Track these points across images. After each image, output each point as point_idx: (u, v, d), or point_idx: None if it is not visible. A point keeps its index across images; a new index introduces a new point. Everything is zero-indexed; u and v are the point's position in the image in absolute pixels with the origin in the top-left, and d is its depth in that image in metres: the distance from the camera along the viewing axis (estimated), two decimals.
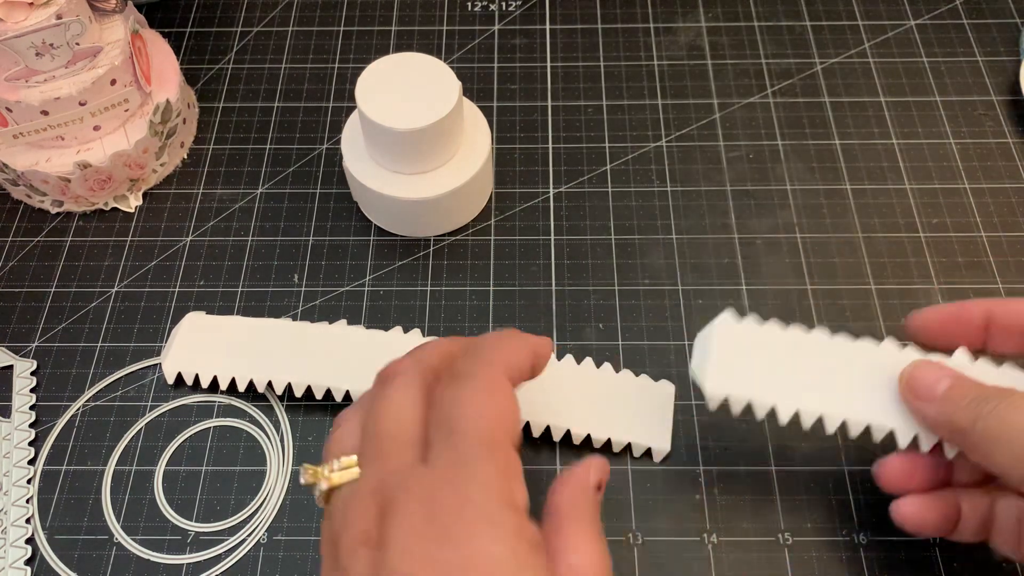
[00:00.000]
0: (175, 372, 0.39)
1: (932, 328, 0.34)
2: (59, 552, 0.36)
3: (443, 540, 0.24)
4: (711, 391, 0.32)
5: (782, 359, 0.33)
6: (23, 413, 0.39)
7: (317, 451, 0.38)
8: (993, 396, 0.30)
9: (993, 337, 0.33)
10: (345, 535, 0.26)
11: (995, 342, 0.34)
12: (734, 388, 0.32)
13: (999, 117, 0.48)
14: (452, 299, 0.42)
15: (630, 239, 0.44)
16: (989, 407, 0.30)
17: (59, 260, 0.44)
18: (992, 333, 0.33)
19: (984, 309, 0.33)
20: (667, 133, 0.48)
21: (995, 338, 0.33)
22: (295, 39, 0.53)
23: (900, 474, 0.33)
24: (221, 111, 0.50)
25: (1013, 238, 0.44)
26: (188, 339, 0.40)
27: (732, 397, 0.32)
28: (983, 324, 0.33)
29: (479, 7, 0.54)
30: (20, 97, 0.41)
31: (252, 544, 0.36)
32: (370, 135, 0.40)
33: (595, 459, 0.30)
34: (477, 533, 0.24)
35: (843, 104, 0.49)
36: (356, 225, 0.45)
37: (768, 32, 0.52)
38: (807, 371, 0.33)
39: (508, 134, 0.48)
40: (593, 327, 0.41)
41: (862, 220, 0.45)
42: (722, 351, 0.33)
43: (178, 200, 0.46)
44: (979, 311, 0.33)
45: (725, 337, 0.33)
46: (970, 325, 0.34)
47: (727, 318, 0.34)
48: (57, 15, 0.39)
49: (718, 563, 0.35)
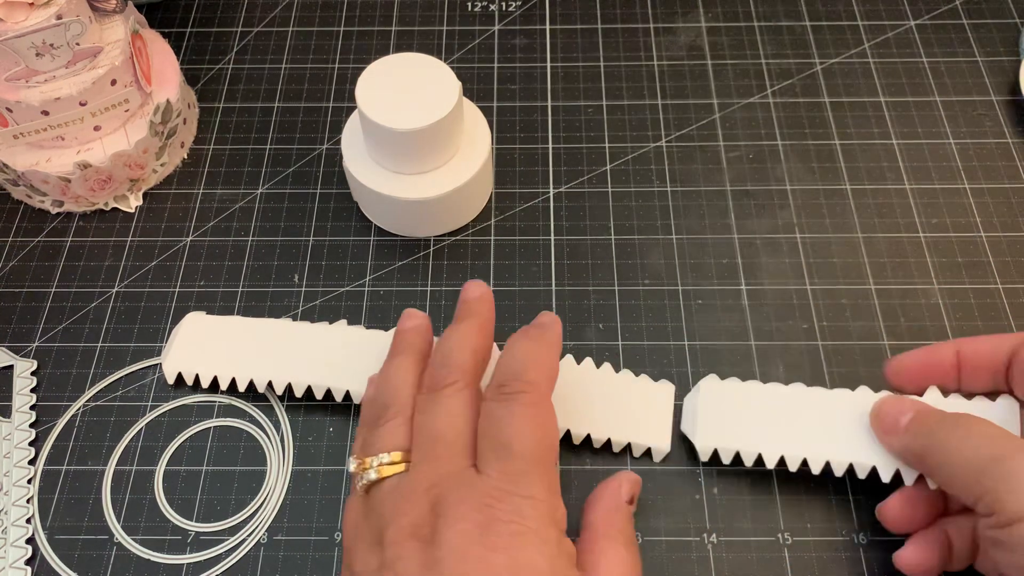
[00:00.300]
0: (175, 372, 0.39)
1: (907, 373, 0.36)
2: (59, 552, 0.36)
3: (494, 546, 0.26)
4: (701, 446, 0.36)
5: (764, 411, 0.36)
6: (23, 413, 0.39)
7: (317, 451, 0.38)
8: (947, 421, 0.31)
9: (964, 377, 0.35)
10: (394, 525, 0.28)
11: (967, 381, 0.35)
12: (721, 441, 0.36)
13: (999, 117, 0.48)
14: (452, 299, 0.42)
15: (630, 239, 0.44)
16: (942, 432, 0.31)
17: (59, 260, 0.44)
18: (963, 373, 0.35)
19: (953, 350, 0.35)
20: (667, 133, 0.48)
21: (966, 377, 0.35)
22: (295, 39, 0.53)
23: (900, 512, 0.34)
24: (221, 111, 0.50)
25: (1013, 238, 0.44)
26: (188, 339, 0.40)
27: (721, 449, 0.36)
28: (954, 364, 0.35)
29: (479, 7, 0.54)
30: (20, 97, 0.41)
31: (252, 544, 0.36)
32: (370, 135, 0.40)
33: (626, 474, 0.33)
34: (525, 544, 0.27)
35: (843, 104, 0.49)
36: (356, 225, 0.45)
37: (768, 32, 0.52)
38: (789, 420, 0.36)
39: (508, 134, 0.48)
40: (593, 327, 0.41)
41: (862, 220, 0.45)
42: (708, 409, 0.37)
43: (178, 200, 0.46)
44: (949, 352, 0.35)
45: (710, 397, 0.37)
46: (942, 367, 0.35)
47: (711, 380, 0.38)
48: (57, 15, 0.39)
49: (718, 563, 0.35)
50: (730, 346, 0.41)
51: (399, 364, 0.34)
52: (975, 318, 0.41)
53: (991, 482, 0.28)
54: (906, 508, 0.33)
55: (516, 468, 0.29)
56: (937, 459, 0.31)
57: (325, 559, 0.36)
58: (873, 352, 0.40)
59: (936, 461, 0.31)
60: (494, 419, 0.30)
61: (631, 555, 0.30)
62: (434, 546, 0.27)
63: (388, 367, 0.35)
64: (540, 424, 0.30)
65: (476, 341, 0.33)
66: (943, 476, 0.31)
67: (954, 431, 0.31)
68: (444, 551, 0.27)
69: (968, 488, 0.30)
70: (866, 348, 0.40)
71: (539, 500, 0.28)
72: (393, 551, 0.28)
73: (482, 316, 0.34)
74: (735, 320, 0.41)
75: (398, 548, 0.28)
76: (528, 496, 0.28)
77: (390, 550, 0.28)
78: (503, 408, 0.30)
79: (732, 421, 0.37)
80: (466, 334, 0.33)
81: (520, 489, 0.28)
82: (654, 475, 0.37)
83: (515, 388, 0.30)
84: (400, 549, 0.28)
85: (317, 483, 0.37)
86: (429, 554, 0.27)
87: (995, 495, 0.28)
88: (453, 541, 0.27)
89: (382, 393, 0.33)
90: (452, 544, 0.27)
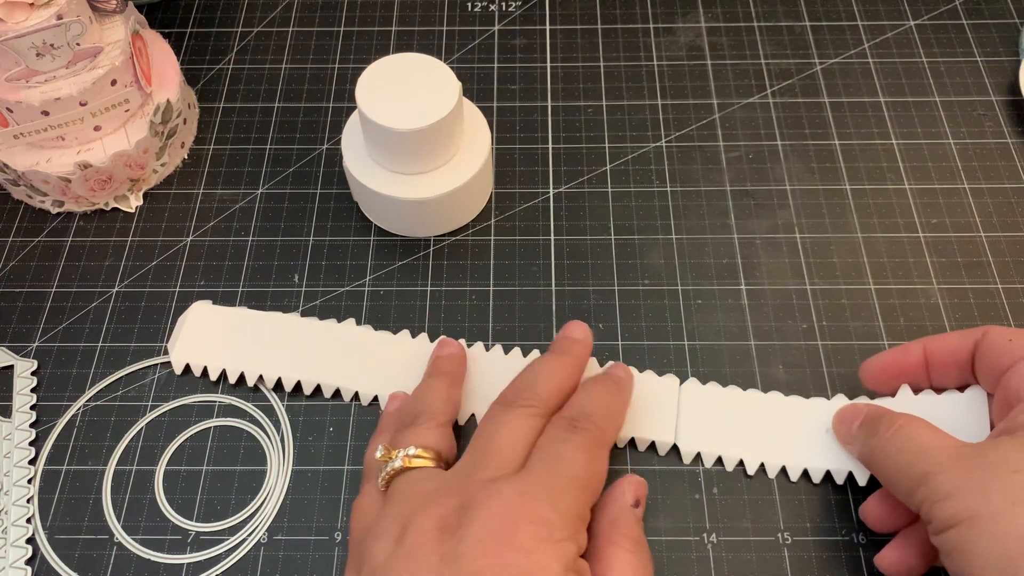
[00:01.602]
0: (183, 362, 0.40)
1: (879, 374, 0.36)
2: (59, 552, 0.36)
3: (514, 546, 0.27)
4: (684, 449, 0.37)
5: (744, 417, 0.38)
6: (24, 413, 0.39)
7: (317, 451, 0.38)
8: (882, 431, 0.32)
9: (933, 373, 0.35)
10: (422, 516, 0.29)
11: (936, 378, 0.36)
12: (703, 445, 0.37)
13: (998, 117, 0.48)
14: (452, 299, 0.42)
15: (630, 239, 0.44)
16: (879, 443, 0.32)
17: (60, 260, 0.44)
18: (931, 370, 0.35)
19: (921, 348, 0.35)
20: (667, 133, 0.48)
21: (935, 374, 0.35)
22: (295, 39, 0.53)
23: (878, 512, 0.34)
24: (221, 111, 0.50)
25: (1012, 238, 0.44)
26: (196, 329, 0.40)
27: (704, 453, 0.37)
28: (923, 362, 0.35)
29: (479, 7, 0.54)
30: (21, 97, 0.41)
31: (252, 544, 0.36)
32: (370, 135, 0.40)
33: (630, 477, 0.33)
34: (546, 551, 0.27)
35: (842, 104, 0.49)
36: (356, 225, 0.45)
37: (768, 32, 0.52)
38: (755, 426, 0.37)
39: (508, 134, 0.48)
40: (593, 327, 0.41)
41: (861, 220, 0.45)
42: (688, 413, 0.38)
43: (178, 200, 0.46)
44: (917, 351, 0.36)
45: (687, 400, 0.38)
46: (912, 366, 0.36)
47: (692, 384, 0.39)
48: (58, 16, 0.39)
49: (718, 563, 0.35)
50: (730, 346, 0.41)
51: (433, 384, 0.37)
52: (975, 318, 0.41)
53: (922, 496, 0.29)
54: (884, 507, 0.34)
55: (559, 483, 0.29)
56: (878, 469, 0.33)
57: (325, 559, 0.36)
58: (873, 352, 0.40)
59: (878, 471, 0.33)
60: (555, 440, 0.31)
61: (639, 559, 0.30)
62: (456, 538, 0.27)
63: (422, 386, 0.37)
64: (596, 460, 0.31)
65: (565, 379, 0.35)
66: (887, 484, 0.32)
67: (890, 442, 0.32)
68: (466, 544, 0.27)
69: (906, 499, 0.31)
70: (866, 348, 0.40)
71: (570, 519, 0.29)
72: (414, 538, 0.28)
73: (578, 358, 0.36)
74: (735, 320, 0.41)
75: (420, 536, 0.28)
76: (562, 511, 0.29)
77: (412, 537, 0.28)
78: (567, 434, 0.31)
79: (711, 425, 0.38)
80: (558, 369, 0.35)
81: (557, 501, 0.29)
82: (654, 475, 0.37)
83: (584, 425, 0.32)
84: (423, 539, 0.28)
85: (317, 483, 0.38)
86: (450, 546, 0.27)
87: (927, 507, 0.29)
88: (476, 533, 0.27)
89: (414, 405, 0.35)
90: (474, 536, 0.27)
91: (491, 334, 0.41)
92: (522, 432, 0.32)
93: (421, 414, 0.35)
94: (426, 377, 0.38)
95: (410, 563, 0.28)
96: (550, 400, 0.34)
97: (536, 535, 0.28)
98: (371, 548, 0.29)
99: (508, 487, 0.29)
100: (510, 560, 0.27)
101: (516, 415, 0.32)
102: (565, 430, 0.32)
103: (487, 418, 0.33)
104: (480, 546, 0.27)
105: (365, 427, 0.39)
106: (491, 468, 0.30)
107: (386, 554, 0.28)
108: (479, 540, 0.27)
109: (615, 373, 0.36)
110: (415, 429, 0.34)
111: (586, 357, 0.37)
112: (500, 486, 0.29)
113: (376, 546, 0.29)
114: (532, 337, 0.41)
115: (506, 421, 0.32)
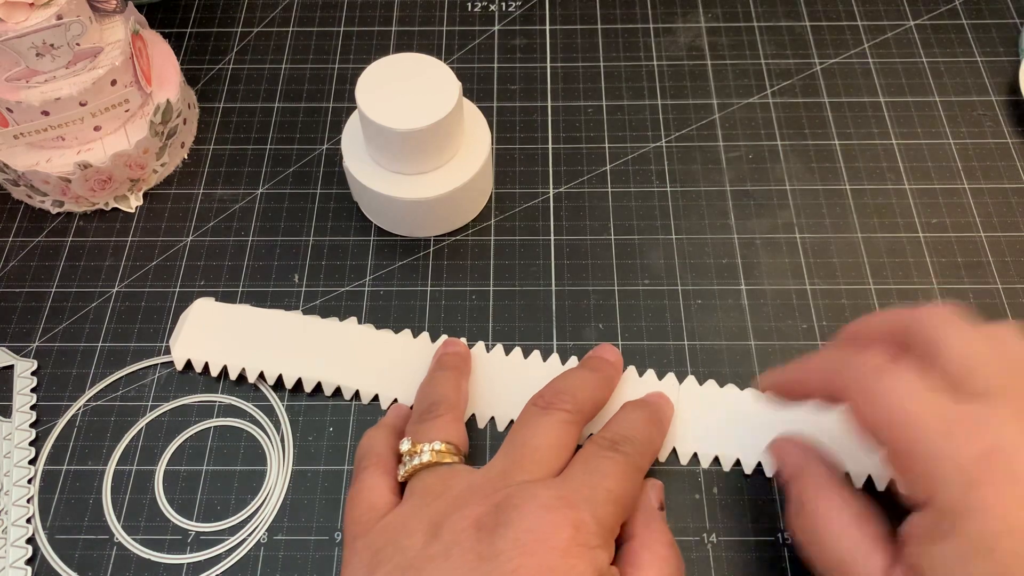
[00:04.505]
0: (184, 358, 0.40)
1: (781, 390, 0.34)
2: (59, 552, 0.36)
3: (552, 547, 0.27)
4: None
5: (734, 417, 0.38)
6: (24, 413, 0.39)
7: (317, 451, 0.38)
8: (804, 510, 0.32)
9: None
10: (457, 514, 0.29)
11: None
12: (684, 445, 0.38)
13: (998, 117, 0.48)
14: (452, 299, 0.42)
15: (630, 239, 0.44)
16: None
17: (60, 260, 0.44)
18: None
19: None
20: (667, 133, 0.48)
21: None
22: (295, 39, 0.53)
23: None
24: (221, 111, 0.50)
25: (1012, 238, 0.44)
26: (198, 325, 0.41)
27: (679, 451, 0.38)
28: None
29: (479, 7, 0.54)
30: (21, 97, 0.41)
31: (252, 544, 0.36)
32: (370, 135, 0.40)
33: (652, 481, 0.34)
34: (578, 554, 0.27)
35: (842, 104, 0.49)
36: (356, 225, 0.45)
37: (768, 32, 0.52)
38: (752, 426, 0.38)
39: (508, 134, 0.48)
40: (593, 327, 0.41)
41: (861, 220, 0.45)
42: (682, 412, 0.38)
43: (178, 200, 0.46)
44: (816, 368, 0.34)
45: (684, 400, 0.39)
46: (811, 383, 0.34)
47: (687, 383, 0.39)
48: (57, 16, 0.39)
49: (717, 563, 0.35)
50: (730, 346, 0.41)
51: (443, 376, 0.37)
52: (975, 318, 0.41)
53: None
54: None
55: (598, 495, 0.30)
56: None
57: (325, 559, 0.36)
58: None
59: None
60: (596, 456, 0.32)
61: (675, 556, 0.31)
62: (494, 537, 0.28)
63: (433, 378, 0.37)
64: (633, 482, 0.32)
65: (599, 393, 0.36)
66: None
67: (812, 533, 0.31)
68: (504, 543, 0.27)
69: None
70: None
71: (605, 529, 0.29)
72: (450, 536, 0.28)
73: (609, 378, 0.37)
74: (735, 320, 0.41)
75: (456, 534, 0.28)
76: (600, 519, 0.29)
77: (447, 535, 0.28)
78: (609, 452, 0.32)
79: (707, 425, 0.38)
80: (593, 383, 0.36)
81: (596, 510, 0.29)
82: (654, 475, 0.37)
83: (625, 449, 0.32)
84: (458, 536, 0.28)
85: (317, 483, 0.38)
86: (487, 544, 0.27)
87: None
88: (515, 535, 0.27)
89: (428, 394, 0.36)
90: (513, 538, 0.27)
91: (491, 334, 0.41)
92: (560, 438, 0.32)
93: (439, 403, 0.35)
94: (434, 371, 0.38)
95: (447, 560, 0.28)
96: (586, 409, 0.34)
97: (574, 539, 0.28)
98: (400, 543, 0.29)
99: (546, 491, 0.29)
100: (548, 561, 0.27)
101: (554, 419, 0.33)
102: (607, 449, 0.32)
103: (523, 419, 0.33)
104: (518, 545, 0.27)
105: (365, 427, 0.39)
106: (528, 470, 0.31)
107: (417, 550, 0.28)
108: (516, 540, 0.27)
109: (656, 401, 0.37)
110: (437, 421, 0.34)
111: (617, 378, 0.38)
112: (538, 489, 0.29)
113: (406, 541, 0.29)
114: (532, 337, 0.41)
115: (544, 424, 0.32)
